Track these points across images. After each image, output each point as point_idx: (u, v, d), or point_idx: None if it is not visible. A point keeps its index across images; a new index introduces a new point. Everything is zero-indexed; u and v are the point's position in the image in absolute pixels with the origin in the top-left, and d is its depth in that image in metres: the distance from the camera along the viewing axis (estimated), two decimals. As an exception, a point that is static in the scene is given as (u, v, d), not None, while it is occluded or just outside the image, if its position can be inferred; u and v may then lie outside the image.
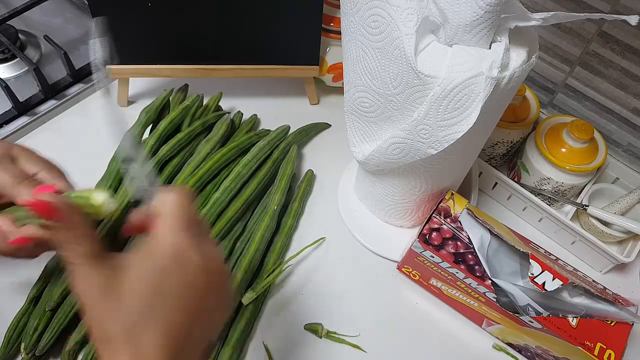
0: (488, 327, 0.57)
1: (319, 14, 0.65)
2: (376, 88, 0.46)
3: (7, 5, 0.83)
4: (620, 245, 0.65)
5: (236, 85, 0.77)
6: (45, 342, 0.50)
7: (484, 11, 0.39)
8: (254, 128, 0.73)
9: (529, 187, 0.65)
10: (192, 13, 0.63)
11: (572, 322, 0.50)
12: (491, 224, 0.54)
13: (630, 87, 0.64)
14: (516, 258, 0.54)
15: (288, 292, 0.59)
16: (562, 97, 0.72)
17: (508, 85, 0.42)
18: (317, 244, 0.63)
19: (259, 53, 0.69)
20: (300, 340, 0.57)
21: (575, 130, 0.61)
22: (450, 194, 0.57)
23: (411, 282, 0.61)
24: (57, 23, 0.84)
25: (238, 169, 0.62)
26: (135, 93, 0.76)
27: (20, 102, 0.72)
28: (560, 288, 0.51)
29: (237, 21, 0.65)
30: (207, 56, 0.68)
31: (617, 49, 0.62)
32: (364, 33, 0.44)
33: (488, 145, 0.67)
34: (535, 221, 0.66)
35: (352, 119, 0.54)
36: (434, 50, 0.42)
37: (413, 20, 0.40)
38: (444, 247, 0.53)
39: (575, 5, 0.62)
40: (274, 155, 0.66)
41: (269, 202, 0.62)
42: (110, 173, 0.61)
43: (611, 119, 0.68)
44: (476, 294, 0.53)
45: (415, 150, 0.47)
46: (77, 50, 0.80)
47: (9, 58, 0.78)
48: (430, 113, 0.43)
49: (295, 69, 0.71)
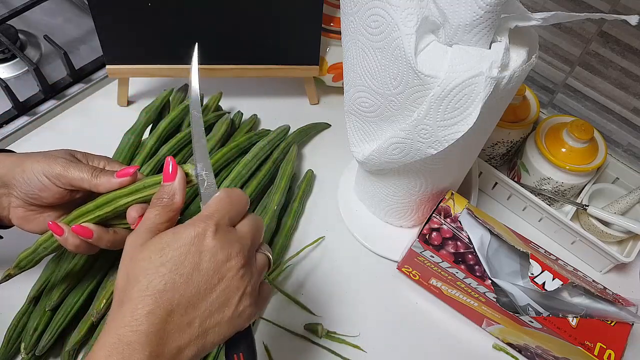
0: (488, 327, 0.57)
1: (319, 14, 0.65)
2: (376, 88, 0.46)
3: (7, 5, 0.83)
4: (620, 245, 0.65)
5: (236, 85, 0.77)
6: (45, 342, 0.50)
7: (484, 11, 0.39)
8: (254, 128, 0.73)
9: (529, 187, 0.65)
10: (192, 13, 0.63)
11: (572, 322, 0.50)
12: (491, 224, 0.54)
13: (630, 87, 0.64)
14: (516, 258, 0.54)
15: (288, 292, 0.59)
16: (562, 97, 0.72)
17: (508, 85, 0.42)
18: (316, 244, 0.63)
19: (259, 53, 0.69)
20: (300, 340, 0.57)
21: (575, 130, 0.61)
22: (450, 194, 0.57)
23: (411, 282, 0.61)
24: (57, 23, 0.84)
25: (238, 169, 0.62)
26: (135, 93, 0.76)
27: (20, 102, 0.72)
28: (560, 288, 0.51)
29: (237, 21, 0.65)
30: (207, 56, 0.68)
31: (617, 49, 0.62)
32: (364, 33, 0.44)
33: (488, 145, 0.67)
34: (535, 221, 0.66)
35: (352, 119, 0.54)
36: (434, 50, 0.42)
37: (413, 20, 0.40)
38: (444, 247, 0.53)
39: (575, 5, 0.62)
40: (274, 155, 0.66)
41: (269, 202, 0.62)
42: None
43: (611, 119, 0.68)
44: (476, 294, 0.53)
45: (415, 150, 0.47)
46: (77, 50, 0.80)
47: (9, 58, 0.78)
48: (430, 113, 0.43)
49: (295, 69, 0.71)
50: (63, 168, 0.43)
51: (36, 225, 0.46)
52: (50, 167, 0.43)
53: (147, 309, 0.32)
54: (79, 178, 0.43)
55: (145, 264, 0.34)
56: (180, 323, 0.33)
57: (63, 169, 0.43)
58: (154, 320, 0.32)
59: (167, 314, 0.33)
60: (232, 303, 0.35)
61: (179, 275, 0.33)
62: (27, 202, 0.45)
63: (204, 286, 0.34)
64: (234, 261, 0.35)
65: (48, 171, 0.43)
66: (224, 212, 0.36)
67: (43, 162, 0.43)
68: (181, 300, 0.33)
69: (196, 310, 0.34)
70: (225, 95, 0.73)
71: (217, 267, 0.34)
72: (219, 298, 0.34)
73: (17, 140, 0.71)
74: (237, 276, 0.35)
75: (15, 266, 0.47)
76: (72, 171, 0.43)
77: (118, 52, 0.67)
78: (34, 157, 0.44)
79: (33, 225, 0.46)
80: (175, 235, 0.35)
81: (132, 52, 0.67)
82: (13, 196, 0.45)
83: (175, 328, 0.33)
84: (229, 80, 0.73)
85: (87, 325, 0.50)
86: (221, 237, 0.35)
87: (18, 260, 0.47)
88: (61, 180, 0.43)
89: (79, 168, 0.43)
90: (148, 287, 0.33)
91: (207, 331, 0.34)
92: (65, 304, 0.52)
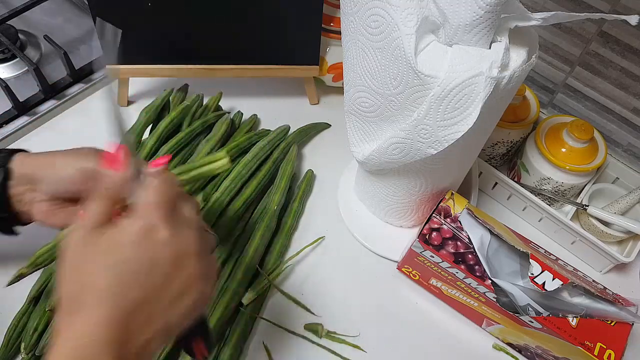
0: (488, 327, 0.57)
1: (319, 14, 0.65)
2: (376, 88, 0.46)
3: (7, 5, 0.83)
4: (620, 245, 0.65)
5: (236, 85, 0.77)
6: (45, 342, 0.50)
7: (484, 11, 0.39)
8: (254, 128, 0.73)
9: (529, 187, 0.65)
10: (192, 13, 0.63)
11: (572, 322, 0.50)
12: (491, 224, 0.54)
13: (630, 87, 0.64)
14: (516, 258, 0.54)
15: (288, 292, 0.59)
16: (562, 97, 0.72)
17: (508, 85, 0.42)
18: (316, 244, 0.63)
19: (259, 53, 0.69)
20: (300, 340, 0.57)
21: (575, 130, 0.61)
22: (450, 194, 0.56)
23: (411, 282, 0.61)
24: (57, 23, 0.84)
25: (238, 169, 0.62)
26: (135, 93, 0.76)
27: (20, 102, 0.72)
28: (560, 288, 0.51)
29: (237, 21, 0.65)
30: (207, 56, 0.68)
31: (617, 49, 0.62)
32: (364, 33, 0.44)
33: (488, 145, 0.67)
34: (535, 221, 0.66)
35: (352, 119, 0.54)
36: (434, 50, 0.42)
37: (413, 20, 0.40)
38: (444, 247, 0.53)
39: (575, 5, 0.62)
40: (274, 155, 0.66)
41: (269, 202, 0.62)
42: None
43: (611, 119, 0.68)
44: (476, 294, 0.53)
45: (415, 150, 0.47)
46: (77, 50, 0.80)
47: (9, 58, 0.78)
48: (430, 113, 0.43)
49: (295, 69, 0.71)
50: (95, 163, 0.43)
51: (59, 219, 0.46)
52: (83, 162, 0.43)
53: (104, 315, 0.31)
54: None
55: (95, 267, 0.32)
56: (142, 320, 0.32)
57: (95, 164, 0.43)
58: (113, 326, 0.31)
59: (127, 314, 0.31)
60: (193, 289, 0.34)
61: (134, 273, 0.32)
62: (53, 196, 0.45)
63: (162, 279, 0.33)
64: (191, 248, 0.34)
65: (80, 166, 0.43)
66: (166, 197, 0.35)
67: (74, 157, 0.44)
68: (139, 297, 0.32)
69: (157, 303, 0.33)
70: (225, 95, 0.73)
71: (174, 258, 0.33)
72: (179, 287, 0.34)
73: (17, 140, 0.71)
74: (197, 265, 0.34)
75: (30, 264, 0.47)
76: None
77: (118, 52, 0.67)
78: (63, 152, 0.45)
79: (56, 219, 0.46)
80: (122, 230, 0.33)
81: (132, 52, 0.67)
82: (38, 191, 0.45)
83: (136, 327, 0.32)
84: (229, 80, 0.73)
85: (87, 325, 0.50)
86: (173, 225, 0.34)
87: (35, 257, 0.47)
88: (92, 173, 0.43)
89: None
90: (102, 291, 0.31)
91: (170, 320, 0.33)
92: (65, 304, 0.52)
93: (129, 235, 0.33)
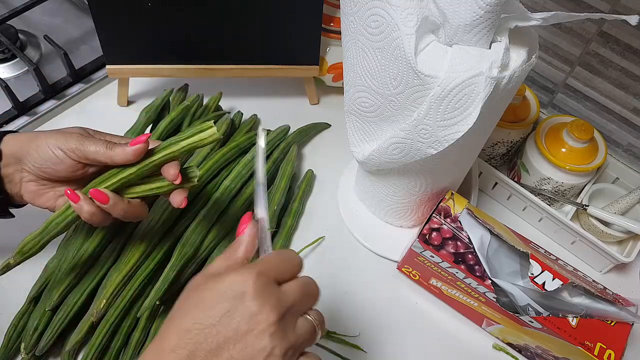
0: (488, 327, 0.57)
1: (319, 14, 0.65)
2: (376, 88, 0.46)
3: (7, 5, 0.83)
4: (620, 245, 0.65)
5: (236, 85, 0.77)
6: (45, 342, 0.50)
7: (484, 11, 0.39)
8: (254, 128, 0.73)
9: (529, 187, 0.65)
10: (192, 13, 0.63)
11: (572, 322, 0.50)
12: (491, 224, 0.54)
13: (630, 87, 0.64)
14: (516, 258, 0.54)
15: (288, 292, 0.59)
16: (562, 97, 0.72)
17: (508, 85, 0.42)
18: (316, 244, 0.63)
19: (259, 53, 0.69)
20: (300, 340, 0.57)
21: (575, 130, 0.61)
22: (450, 194, 0.57)
23: (411, 282, 0.61)
24: (57, 23, 0.84)
25: (238, 169, 0.62)
26: (135, 93, 0.76)
27: (20, 102, 0.72)
28: (560, 288, 0.51)
29: (237, 21, 0.65)
30: (207, 56, 0.68)
31: (617, 49, 0.62)
32: (364, 33, 0.44)
33: (488, 145, 0.67)
34: (535, 221, 0.66)
35: (352, 119, 0.54)
36: (434, 50, 0.42)
37: (413, 20, 0.40)
38: (444, 247, 0.53)
39: (575, 5, 0.62)
40: (274, 155, 0.66)
41: (269, 202, 0.62)
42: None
43: (611, 119, 0.68)
44: (476, 294, 0.53)
45: (415, 150, 0.47)
46: (77, 50, 0.80)
47: (9, 58, 0.78)
48: (430, 113, 0.43)
49: (295, 69, 0.71)
50: (78, 141, 0.44)
51: (47, 200, 0.47)
52: (66, 141, 0.44)
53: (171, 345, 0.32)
54: (94, 151, 0.44)
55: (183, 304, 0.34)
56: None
57: (79, 142, 0.44)
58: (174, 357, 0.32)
59: (188, 355, 0.32)
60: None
61: (207, 317, 0.32)
62: (39, 176, 0.46)
63: (229, 333, 0.32)
64: (265, 315, 0.33)
65: (64, 144, 0.44)
66: (270, 266, 0.35)
67: (58, 137, 0.44)
68: (205, 342, 0.32)
69: (217, 358, 0.32)
70: (225, 95, 0.73)
71: (247, 317, 0.32)
72: (242, 351, 0.32)
73: (17, 140, 0.71)
74: (265, 332, 0.32)
75: (17, 253, 0.45)
76: (88, 144, 0.44)
77: (118, 52, 0.67)
78: (48, 132, 0.45)
79: (44, 199, 0.47)
80: (218, 279, 0.34)
81: (132, 52, 0.67)
82: (25, 171, 0.46)
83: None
84: (229, 80, 0.73)
85: (87, 325, 0.50)
86: (259, 287, 0.33)
87: (22, 244, 0.45)
88: (76, 153, 0.44)
89: (94, 141, 0.44)
90: (179, 324, 0.33)
91: None
92: (65, 304, 0.52)
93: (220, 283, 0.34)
